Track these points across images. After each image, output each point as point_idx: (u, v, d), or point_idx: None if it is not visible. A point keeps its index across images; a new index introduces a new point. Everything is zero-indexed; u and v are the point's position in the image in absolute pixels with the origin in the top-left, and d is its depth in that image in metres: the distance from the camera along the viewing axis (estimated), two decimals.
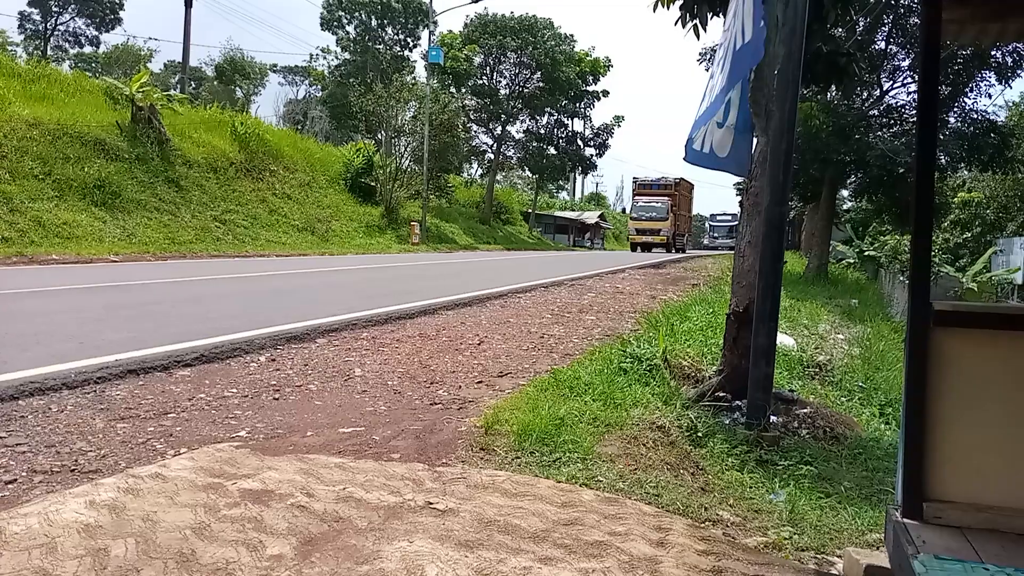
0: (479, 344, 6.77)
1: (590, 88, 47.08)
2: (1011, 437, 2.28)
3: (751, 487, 3.65)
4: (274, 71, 66.15)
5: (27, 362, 4.83)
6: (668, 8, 5.99)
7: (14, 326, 6.32)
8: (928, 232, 2.44)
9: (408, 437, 3.81)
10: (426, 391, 4.92)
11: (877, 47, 18.54)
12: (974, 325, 2.36)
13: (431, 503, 2.87)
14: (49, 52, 49.13)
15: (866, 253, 26.84)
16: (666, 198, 42.53)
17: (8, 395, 4.15)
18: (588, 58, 45.70)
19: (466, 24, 44.54)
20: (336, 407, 4.44)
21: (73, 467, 3.21)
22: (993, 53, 17.46)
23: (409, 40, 52.40)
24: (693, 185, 52.38)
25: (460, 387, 5.08)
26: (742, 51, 3.76)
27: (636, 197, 44.76)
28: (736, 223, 52.65)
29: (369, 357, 5.95)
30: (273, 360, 5.64)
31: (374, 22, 51.02)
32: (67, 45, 53.00)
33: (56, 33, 52.01)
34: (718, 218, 67.49)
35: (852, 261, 28.24)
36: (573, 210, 67.69)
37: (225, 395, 4.56)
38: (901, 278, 17.15)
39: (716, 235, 65.71)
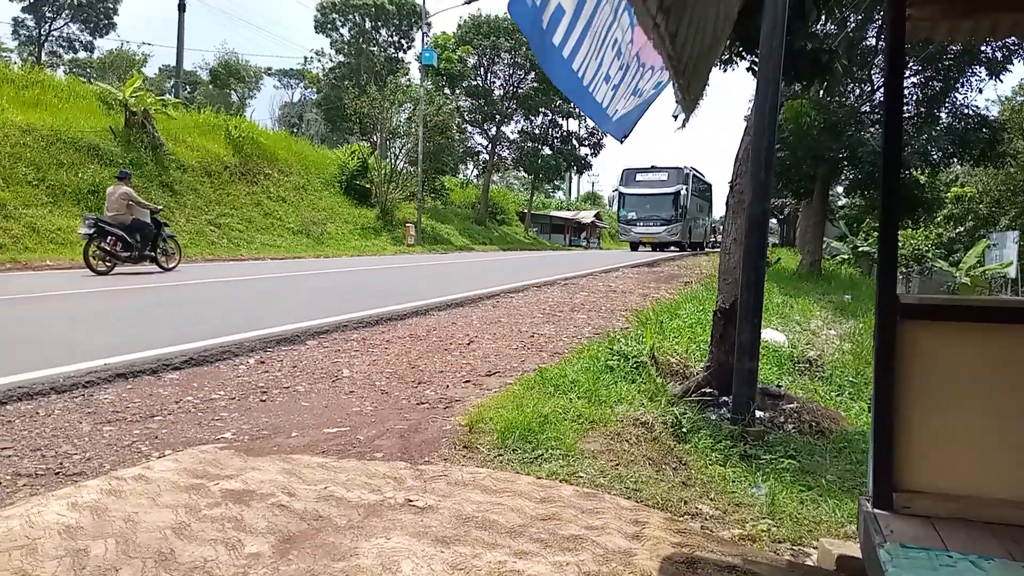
0: (469, 344, 6.80)
1: None
2: (978, 427, 2.31)
3: (733, 481, 3.68)
4: (269, 74, 66.23)
5: (16, 367, 4.85)
6: None
7: (5, 332, 6.34)
8: (894, 228, 2.47)
9: (392, 436, 3.84)
10: (413, 391, 4.95)
11: (868, 43, 18.57)
12: (940, 318, 2.39)
13: (411, 500, 2.90)
14: (44, 58, 49.01)
15: (860, 249, 26.89)
16: None
17: None
18: None
19: (460, 25, 44.61)
20: (323, 408, 4.46)
21: (58, 470, 3.24)
22: (983, 48, 17.51)
23: (403, 42, 52.37)
24: None
25: (448, 386, 5.11)
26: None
27: None
28: (678, 189, 36.35)
29: (358, 358, 5.98)
30: (262, 362, 5.66)
31: (368, 24, 51.00)
32: (61, 51, 52.88)
33: (50, 39, 51.91)
34: (639, 179, 36.77)
35: (846, 257, 28.30)
36: (569, 209, 67.65)
37: (212, 397, 4.58)
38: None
39: (633, 214, 36.43)
